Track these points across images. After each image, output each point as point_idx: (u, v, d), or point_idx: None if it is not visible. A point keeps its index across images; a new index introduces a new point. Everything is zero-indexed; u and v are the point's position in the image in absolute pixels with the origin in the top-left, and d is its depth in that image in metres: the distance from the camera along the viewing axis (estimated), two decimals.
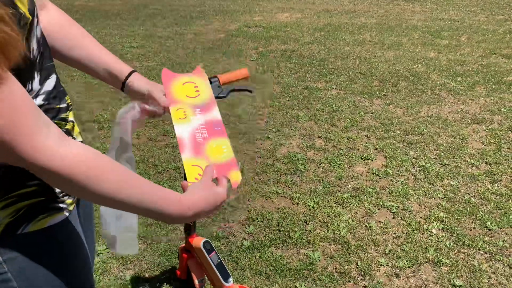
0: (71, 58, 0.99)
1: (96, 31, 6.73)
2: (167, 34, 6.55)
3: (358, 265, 2.08)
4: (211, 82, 1.29)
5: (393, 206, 2.54)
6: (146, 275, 2.04)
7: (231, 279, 1.73)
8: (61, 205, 0.80)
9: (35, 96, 0.73)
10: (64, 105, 0.82)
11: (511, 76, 4.67)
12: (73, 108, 0.92)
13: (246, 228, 2.36)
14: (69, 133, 0.84)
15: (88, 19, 7.48)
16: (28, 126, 0.57)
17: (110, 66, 1.03)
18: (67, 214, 0.81)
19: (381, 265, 2.09)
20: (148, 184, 0.72)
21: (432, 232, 2.32)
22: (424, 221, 2.41)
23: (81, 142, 0.78)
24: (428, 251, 2.17)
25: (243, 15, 8.00)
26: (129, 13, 8.17)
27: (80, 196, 0.74)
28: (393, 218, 2.45)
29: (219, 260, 1.73)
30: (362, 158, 3.10)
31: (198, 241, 1.72)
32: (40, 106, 0.73)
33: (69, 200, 0.82)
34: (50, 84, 0.78)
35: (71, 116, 0.86)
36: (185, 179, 0.95)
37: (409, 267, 2.07)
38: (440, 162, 3.03)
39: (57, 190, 0.79)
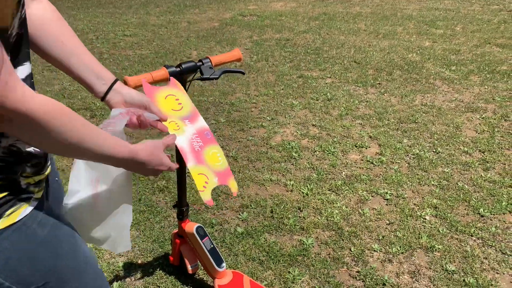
0: (53, 56, 0.93)
1: (89, 19, 6.64)
2: (160, 23, 6.48)
3: (351, 251, 2.08)
4: (202, 64, 1.27)
5: (386, 193, 2.54)
6: (139, 261, 2.03)
7: (224, 264, 1.72)
8: (27, 195, 0.77)
9: None
10: None
11: (505, 65, 4.67)
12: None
13: (239, 215, 2.35)
14: None
15: (81, 7, 7.38)
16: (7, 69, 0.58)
17: (96, 69, 0.97)
18: (35, 203, 0.78)
19: (374, 251, 2.09)
20: (102, 132, 0.78)
21: (425, 219, 2.32)
22: (418, 207, 2.42)
23: None
24: (421, 237, 2.18)
25: (238, 4, 7.92)
26: (122, 1, 8.07)
27: (41, 145, 0.70)
28: (386, 205, 2.45)
29: (212, 246, 1.72)
30: (356, 146, 3.10)
31: (191, 227, 1.71)
32: None
33: (35, 189, 0.79)
34: (23, 71, 0.73)
35: None
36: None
37: (402, 252, 2.08)
38: (434, 150, 3.03)
39: (22, 182, 0.75)
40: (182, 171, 1.60)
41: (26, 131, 0.65)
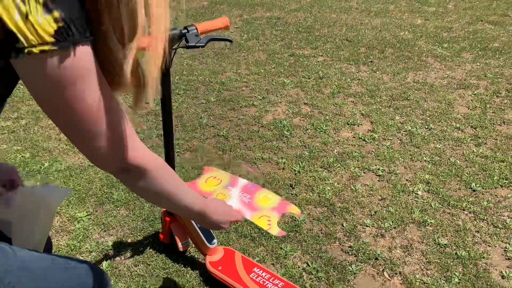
0: None
1: None
2: None
3: (343, 227, 2.07)
4: (187, 31, 1.22)
5: (378, 169, 2.52)
6: (129, 240, 2.00)
7: (215, 241, 1.70)
8: None
9: None
10: None
11: (497, 42, 4.64)
12: None
13: None
14: None
15: None
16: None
17: None
18: None
19: (366, 226, 2.08)
20: (190, 190, 0.89)
21: (417, 194, 2.31)
22: (410, 183, 2.41)
23: None
24: (414, 212, 2.17)
25: None
26: None
27: (144, 193, 0.80)
28: (378, 181, 2.44)
29: None
30: (348, 124, 3.07)
31: None
32: None
33: None
34: None
35: None
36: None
37: (394, 227, 2.07)
38: (426, 127, 3.01)
39: None
40: (169, 146, 1.56)
41: (137, 180, 0.75)
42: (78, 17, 0.52)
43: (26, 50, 0.49)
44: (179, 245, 1.77)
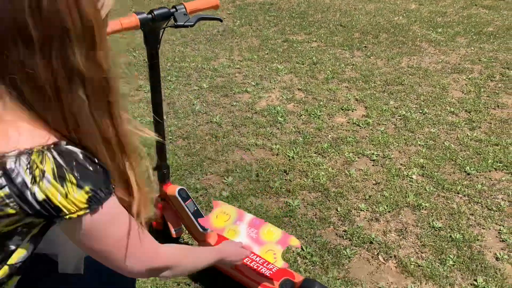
0: None
1: None
2: None
3: (338, 211, 2.06)
4: (176, 10, 1.18)
5: (373, 154, 2.51)
6: None
7: None
8: None
9: None
10: None
11: (491, 26, 4.62)
12: None
13: (224, 179, 2.30)
14: None
15: None
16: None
17: None
18: None
19: (361, 210, 2.07)
20: (205, 251, 1.16)
21: (412, 178, 2.31)
22: (404, 167, 2.40)
23: None
24: (408, 196, 2.16)
25: None
26: None
27: (174, 274, 0.94)
28: (373, 165, 2.43)
29: (196, 208, 1.67)
30: (342, 109, 3.04)
31: (173, 189, 1.65)
32: None
33: None
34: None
35: None
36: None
37: (389, 211, 2.07)
38: (421, 111, 3.00)
39: None
40: (160, 128, 1.53)
41: (165, 273, 0.89)
42: (103, 183, 0.68)
43: (67, 217, 0.66)
44: (172, 231, 1.74)
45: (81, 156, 0.66)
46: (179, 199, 1.64)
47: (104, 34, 0.67)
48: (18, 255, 0.71)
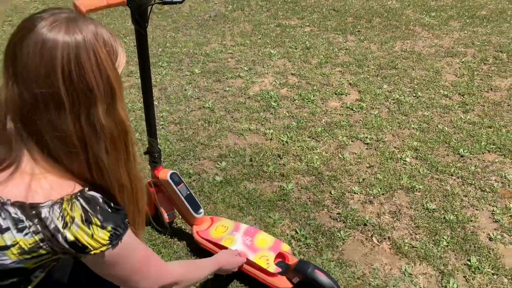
0: None
1: None
2: None
3: (331, 194, 2.05)
4: None
5: (366, 137, 2.50)
6: None
7: (202, 210, 1.66)
8: None
9: None
10: None
11: (484, 10, 4.60)
12: None
13: (218, 164, 2.28)
14: None
15: None
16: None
17: None
18: None
19: (355, 193, 2.06)
20: (205, 262, 1.27)
21: (405, 161, 2.30)
22: (398, 150, 2.39)
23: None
24: (402, 178, 2.16)
25: None
26: None
27: (184, 285, 1.06)
28: (366, 149, 2.42)
29: (188, 192, 1.65)
30: (336, 94, 3.02)
31: (164, 173, 1.62)
32: None
33: None
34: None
35: None
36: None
37: (383, 194, 2.06)
38: (414, 95, 2.99)
39: None
40: (149, 112, 1.50)
41: (176, 287, 1.00)
42: (121, 221, 0.78)
43: (92, 253, 0.75)
44: (165, 216, 1.72)
45: (101, 200, 0.76)
46: (171, 183, 1.61)
47: (122, 89, 0.77)
48: (35, 283, 0.81)
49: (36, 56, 0.66)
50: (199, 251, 1.70)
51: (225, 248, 1.55)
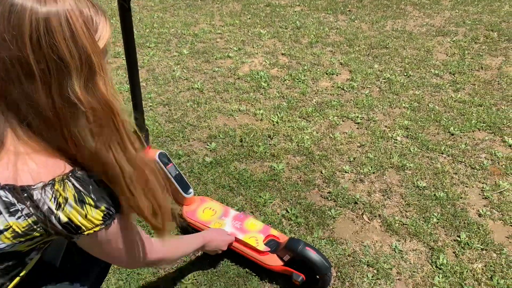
0: None
1: None
2: None
3: (322, 173, 2.04)
4: None
5: (357, 117, 2.48)
6: None
7: (191, 190, 1.64)
8: None
9: None
10: None
11: None
12: None
13: (208, 145, 2.25)
14: None
15: None
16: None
17: None
18: None
19: (345, 172, 2.06)
20: (191, 238, 1.30)
21: (396, 140, 2.29)
22: (389, 129, 2.38)
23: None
24: (393, 157, 2.15)
25: None
26: None
27: (169, 262, 1.17)
28: (357, 128, 2.40)
29: (177, 172, 1.62)
30: (326, 73, 2.99)
31: (152, 153, 1.59)
32: None
33: None
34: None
35: None
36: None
37: (373, 172, 2.05)
38: (405, 74, 2.97)
39: None
40: (135, 89, 1.46)
41: (160, 264, 1.02)
42: (113, 200, 0.77)
43: (85, 233, 0.74)
44: None
45: (93, 179, 0.74)
46: (160, 163, 1.59)
47: (104, 64, 0.71)
48: (31, 266, 0.82)
49: (4, 20, 0.63)
50: (189, 231, 1.68)
51: None
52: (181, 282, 1.50)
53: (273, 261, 1.45)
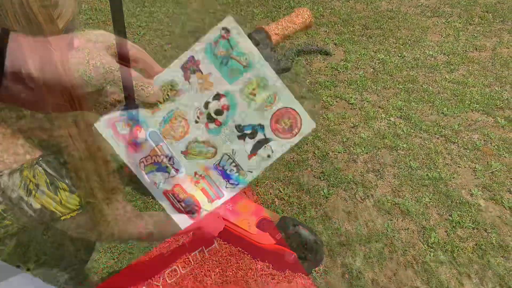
0: None
1: None
2: None
3: (315, 154, 2.03)
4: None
5: (351, 97, 2.46)
6: None
7: (183, 169, 1.62)
8: None
9: None
10: None
11: None
12: None
13: None
14: None
15: None
16: None
17: None
18: None
19: (338, 152, 2.05)
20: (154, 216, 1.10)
21: (390, 120, 2.28)
22: (382, 110, 2.36)
23: None
24: (386, 137, 2.14)
25: None
26: None
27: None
28: (351, 109, 2.38)
29: (169, 152, 1.60)
30: (320, 54, 2.95)
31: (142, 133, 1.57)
32: None
33: None
34: None
35: None
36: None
37: (366, 153, 2.05)
38: (399, 55, 2.94)
39: None
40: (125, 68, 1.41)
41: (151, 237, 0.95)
42: None
43: (62, 218, 0.72)
44: (145, 177, 1.68)
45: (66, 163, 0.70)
46: (151, 142, 1.56)
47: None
48: (9, 249, 0.83)
49: None
50: None
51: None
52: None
53: (266, 240, 1.45)
